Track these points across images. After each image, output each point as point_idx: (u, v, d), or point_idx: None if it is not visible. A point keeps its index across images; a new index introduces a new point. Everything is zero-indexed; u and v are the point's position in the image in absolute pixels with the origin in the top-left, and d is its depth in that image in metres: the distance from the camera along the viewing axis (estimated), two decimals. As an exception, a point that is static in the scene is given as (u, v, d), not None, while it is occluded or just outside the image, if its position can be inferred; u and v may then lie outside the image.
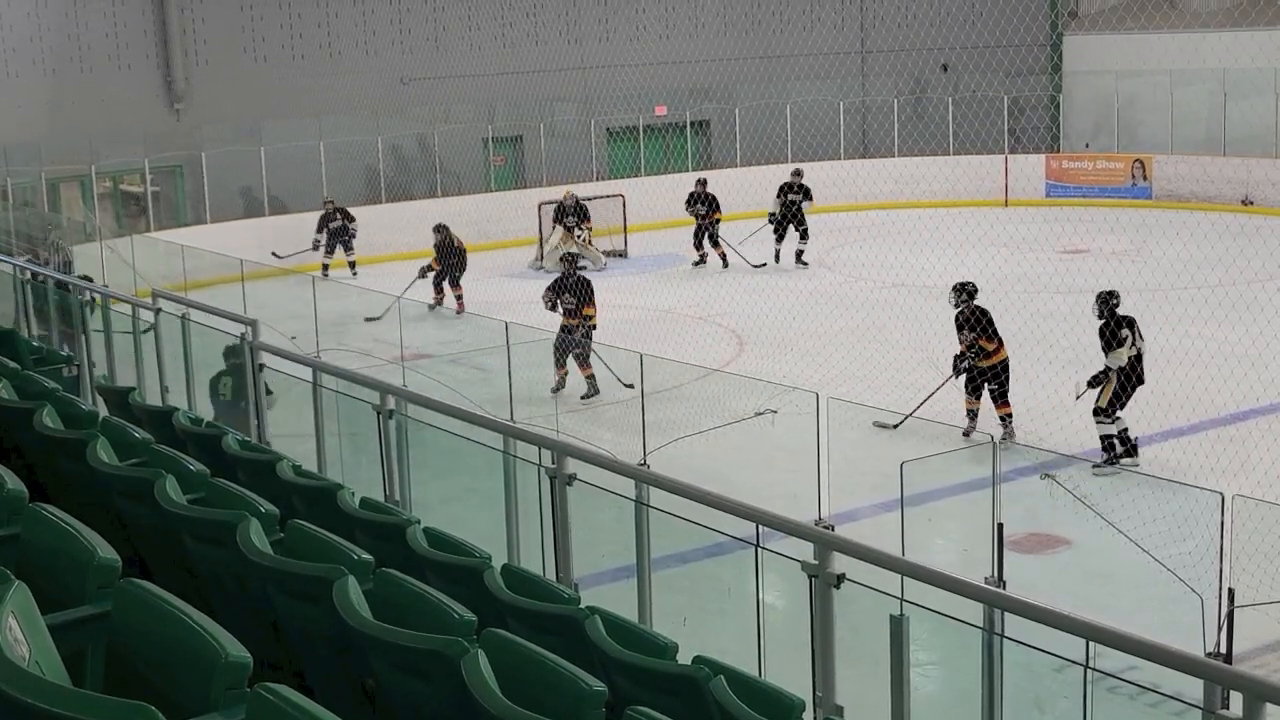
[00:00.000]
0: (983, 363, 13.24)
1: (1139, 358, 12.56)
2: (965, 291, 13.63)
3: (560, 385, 15.20)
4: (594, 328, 15.51)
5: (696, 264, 23.14)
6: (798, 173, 23.26)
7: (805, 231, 22.58)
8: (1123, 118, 28.72)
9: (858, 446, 12.54)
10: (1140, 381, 12.49)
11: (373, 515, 5.81)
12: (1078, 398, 12.47)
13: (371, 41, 27.10)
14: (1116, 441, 12.29)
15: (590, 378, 15.09)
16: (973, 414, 13.32)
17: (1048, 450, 10.46)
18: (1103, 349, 12.52)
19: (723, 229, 22.85)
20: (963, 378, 13.42)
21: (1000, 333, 13.41)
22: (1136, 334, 12.59)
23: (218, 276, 19.01)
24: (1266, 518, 7.26)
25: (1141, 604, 8.83)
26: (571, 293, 15.65)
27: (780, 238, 22.74)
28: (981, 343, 13.24)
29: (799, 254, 22.66)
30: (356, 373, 9.23)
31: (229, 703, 2.97)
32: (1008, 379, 13.29)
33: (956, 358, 13.50)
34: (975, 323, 13.33)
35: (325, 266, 23.16)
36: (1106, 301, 12.63)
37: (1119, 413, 12.34)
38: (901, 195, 27.79)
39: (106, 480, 5.02)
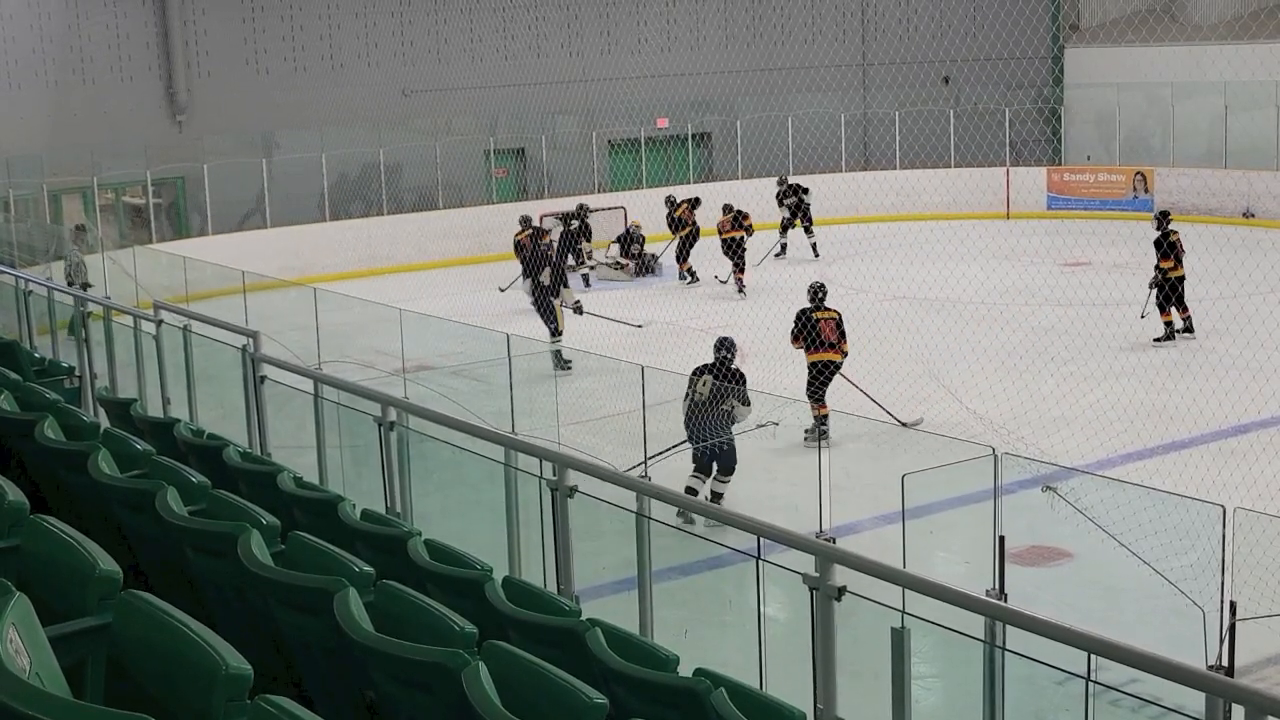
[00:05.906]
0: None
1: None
2: None
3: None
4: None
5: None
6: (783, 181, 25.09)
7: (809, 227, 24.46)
8: (1124, 130, 28.74)
9: (859, 459, 12.54)
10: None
11: (374, 527, 5.80)
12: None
13: (373, 54, 27.14)
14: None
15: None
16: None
17: (1049, 463, 10.44)
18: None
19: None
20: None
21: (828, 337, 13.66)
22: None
23: (220, 288, 19.03)
24: (1268, 530, 7.25)
25: (1143, 617, 8.82)
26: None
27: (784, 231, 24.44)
28: None
29: (813, 246, 24.30)
30: (358, 385, 9.22)
31: (230, 715, 2.96)
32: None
33: None
34: None
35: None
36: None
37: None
38: (903, 208, 27.79)
39: (108, 492, 5.02)
